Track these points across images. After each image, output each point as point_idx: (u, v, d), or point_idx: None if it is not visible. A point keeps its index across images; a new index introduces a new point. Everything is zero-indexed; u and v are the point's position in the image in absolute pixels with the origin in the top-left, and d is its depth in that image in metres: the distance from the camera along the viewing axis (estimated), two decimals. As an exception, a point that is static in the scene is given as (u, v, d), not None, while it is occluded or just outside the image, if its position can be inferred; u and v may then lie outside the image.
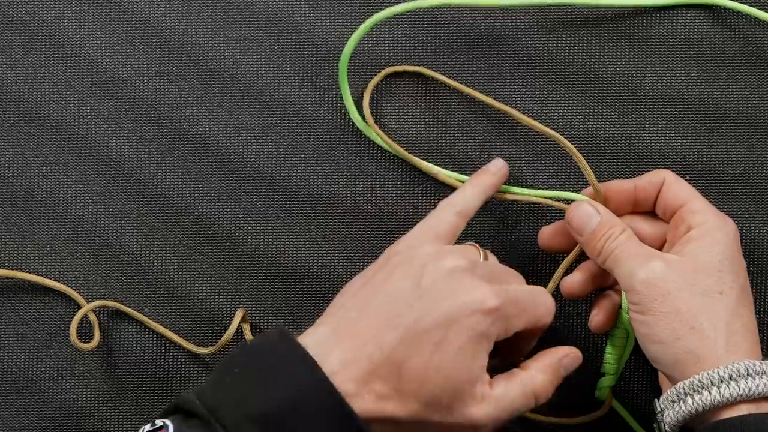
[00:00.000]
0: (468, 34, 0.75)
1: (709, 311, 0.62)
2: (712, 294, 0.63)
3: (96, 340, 0.73)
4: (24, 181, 0.76)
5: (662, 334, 0.62)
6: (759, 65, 0.75)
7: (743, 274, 0.65)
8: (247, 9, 0.76)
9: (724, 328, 0.62)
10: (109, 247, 0.75)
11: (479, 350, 0.59)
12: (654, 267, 0.64)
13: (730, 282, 0.64)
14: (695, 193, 0.68)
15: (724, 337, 0.62)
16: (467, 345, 0.59)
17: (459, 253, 0.63)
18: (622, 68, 0.75)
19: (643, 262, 0.64)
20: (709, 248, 0.64)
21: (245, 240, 0.75)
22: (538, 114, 0.75)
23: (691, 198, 0.67)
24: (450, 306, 0.59)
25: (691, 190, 0.68)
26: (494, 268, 0.64)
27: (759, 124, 0.74)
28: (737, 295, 0.63)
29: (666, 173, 0.69)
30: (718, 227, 0.66)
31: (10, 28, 0.76)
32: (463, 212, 0.67)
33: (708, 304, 0.63)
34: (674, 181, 0.69)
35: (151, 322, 0.75)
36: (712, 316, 0.62)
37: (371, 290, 0.62)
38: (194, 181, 0.76)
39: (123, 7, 0.76)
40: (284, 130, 0.76)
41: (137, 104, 0.76)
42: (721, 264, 0.64)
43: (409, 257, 0.63)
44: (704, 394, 0.60)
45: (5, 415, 0.75)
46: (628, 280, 0.64)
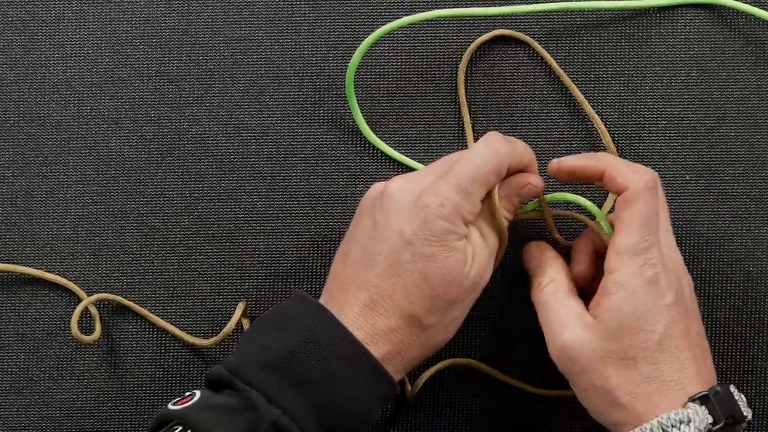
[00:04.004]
0: (467, 34, 0.75)
1: (624, 382, 0.61)
2: (627, 360, 0.62)
3: (97, 333, 0.73)
4: (24, 181, 0.76)
5: (588, 406, 0.64)
6: (759, 65, 0.75)
7: (663, 319, 0.62)
8: (247, 9, 0.76)
9: (642, 394, 0.61)
10: (109, 247, 0.75)
11: (449, 243, 0.62)
12: (568, 339, 0.63)
13: (643, 341, 0.61)
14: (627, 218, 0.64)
15: (642, 403, 0.61)
16: (437, 248, 0.61)
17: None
18: (622, 68, 0.75)
19: (557, 333, 0.63)
20: (618, 309, 0.62)
21: (245, 240, 0.75)
22: (538, 114, 0.75)
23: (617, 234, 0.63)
24: (399, 226, 0.62)
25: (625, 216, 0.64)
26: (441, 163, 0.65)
27: (759, 124, 0.74)
28: (654, 347, 0.61)
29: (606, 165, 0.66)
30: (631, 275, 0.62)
31: (10, 28, 0.76)
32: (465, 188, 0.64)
33: (622, 373, 0.62)
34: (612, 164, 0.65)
35: (152, 316, 0.74)
36: (628, 385, 0.61)
37: (348, 243, 0.65)
38: (194, 181, 0.76)
39: (123, 7, 0.76)
40: (284, 130, 0.76)
41: (137, 104, 0.76)
42: (629, 328, 0.62)
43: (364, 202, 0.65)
44: None
45: (5, 415, 0.75)
46: (549, 347, 0.64)
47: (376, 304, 0.62)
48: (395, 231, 0.62)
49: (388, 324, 0.62)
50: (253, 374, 0.60)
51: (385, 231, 0.62)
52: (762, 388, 0.74)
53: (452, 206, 0.62)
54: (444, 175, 0.63)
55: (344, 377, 0.60)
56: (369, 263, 0.62)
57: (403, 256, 0.62)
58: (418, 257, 0.61)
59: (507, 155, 0.65)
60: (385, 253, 0.62)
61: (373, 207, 0.64)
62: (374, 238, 0.63)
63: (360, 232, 0.64)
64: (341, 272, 0.64)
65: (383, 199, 0.63)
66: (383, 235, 0.62)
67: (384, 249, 0.62)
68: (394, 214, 0.62)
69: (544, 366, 0.68)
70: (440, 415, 0.74)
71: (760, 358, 0.74)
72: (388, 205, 0.63)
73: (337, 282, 0.64)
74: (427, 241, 0.61)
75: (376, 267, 0.62)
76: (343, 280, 0.63)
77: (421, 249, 0.61)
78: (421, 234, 0.62)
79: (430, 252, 0.61)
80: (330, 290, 0.64)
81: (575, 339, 0.62)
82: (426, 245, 0.61)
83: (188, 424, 0.59)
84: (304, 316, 0.62)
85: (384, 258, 0.62)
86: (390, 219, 0.62)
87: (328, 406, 0.60)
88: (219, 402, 0.60)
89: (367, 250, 0.63)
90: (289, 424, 0.59)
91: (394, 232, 0.62)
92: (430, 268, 0.61)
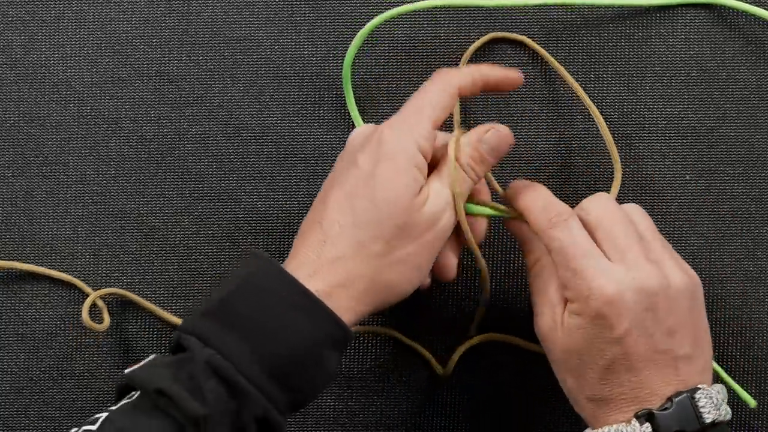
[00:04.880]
0: (467, 34, 0.75)
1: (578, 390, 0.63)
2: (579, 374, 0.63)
3: (106, 323, 0.73)
4: (24, 181, 0.76)
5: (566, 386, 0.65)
6: (759, 65, 0.75)
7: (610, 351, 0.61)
8: (247, 9, 0.76)
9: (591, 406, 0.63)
10: (109, 247, 0.75)
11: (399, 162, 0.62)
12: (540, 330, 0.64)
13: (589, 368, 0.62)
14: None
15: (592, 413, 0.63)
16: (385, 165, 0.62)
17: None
18: (622, 68, 0.75)
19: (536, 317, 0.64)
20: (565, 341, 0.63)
21: (245, 240, 0.75)
22: (538, 114, 0.75)
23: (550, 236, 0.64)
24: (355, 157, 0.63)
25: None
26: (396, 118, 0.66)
27: (759, 124, 0.74)
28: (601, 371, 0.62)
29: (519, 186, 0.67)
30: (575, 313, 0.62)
31: (10, 28, 0.76)
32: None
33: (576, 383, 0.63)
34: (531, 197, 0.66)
35: (159, 310, 0.75)
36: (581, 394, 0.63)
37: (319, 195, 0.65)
38: (194, 181, 0.76)
39: (123, 7, 0.76)
40: (284, 130, 0.76)
41: (137, 104, 0.76)
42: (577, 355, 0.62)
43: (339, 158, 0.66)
44: None
45: (5, 415, 0.75)
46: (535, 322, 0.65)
47: (326, 234, 0.62)
48: (351, 163, 0.63)
49: (335, 252, 0.61)
50: (192, 323, 0.60)
51: (343, 167, 0.64)
52: (762, 388, 0.74)
53: (402, 128, 0.63)
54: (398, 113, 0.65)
55: (283, 317, 0.59)
56: (325, 199, 0.63)
57: (356, 183, 0.62)
58: (369, 181, 0.62)
59: (453, 78, 0.65)
60: (339, 185, 0.63)
61: (338, 159, 0.66)
62: (333, 177, 0.64)
63: (324, 183, 0.65)
64: (303, 224, 0.65)
65: (349, 144, 0.66)
66: (341, 171, 0.64)
67: (340, 181, 0.63)
68: (351, 151, 0.64)
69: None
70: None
71: (761, 358, 0.74)
72: (348, 148, 0.65)
73: (299, 233, 0.64)
74: (377, 163, 0.62)
75: (330, 200, 0.63)
76: (303, 227, 0.64)
77: (372, 172, 0.62)
78: (374, 156, 0.62)
79: (379, 172, 0.62)
80: (294, 243, 0.64)
81: (546, 332, 0.64)
82: (375, 167, 0.62)
83: (136, 381, 0.58)
84: (246, 265, 0.62)
85: (337, 190, 0.63)
86: (348, 157, 0.64)
87: (269, 346, 0.59)
88: (168, 359, 0.60)
89: (326, 190, 0.64)
90: (222, 362, 0.58)
91: (350, 165, 0.63)
92: (378, 192, 0.62)
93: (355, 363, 0.75)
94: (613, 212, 0.64)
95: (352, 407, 0.75)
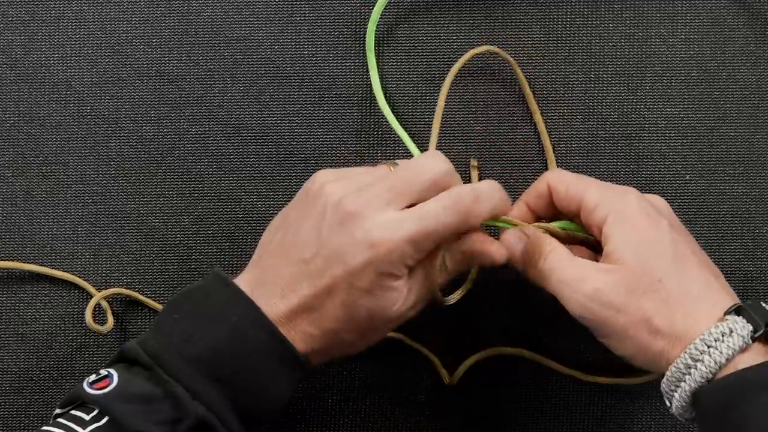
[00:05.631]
0: (467, 34, 0.75)
1: (659, 307, 0.62)
2: (654, 285, 0.62)
3: (110, 324, 0.73)
4: (24, 181, 0.76)
5: (628, 350, 0.63)
6: (759, 65, 0.75)
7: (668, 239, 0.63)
8: (247, 9, 0.76)
9: (679, 315, 0.61)
10: (109, 247, 0.75)
11: (386, 284, 0.62)
12: (589, 289, 0.63)
13: (660, 262, 0.62)
14: (582, 185, 0.66)
15: (682, 324, 0.61)
16: (372, 286, 0.61)
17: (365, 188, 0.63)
18: (622, 68, 0.75)
19: (578, 287, 0.63)
20: (627, 243, 0.63)
21: (245, 240, 0.75)
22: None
23: (582, 194, 0.66)
24: (343, 252, 0.61)
25: (576, 184, 0.66)
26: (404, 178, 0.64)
27: (759, 124, 0.74)
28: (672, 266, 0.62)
29: (548, 177, 0.68)
30: (621, 216, 0.64)
31: (10, 28, 0.76)
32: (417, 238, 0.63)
33: (655, 300, 0.62)
34: (558, 182, 0.67)
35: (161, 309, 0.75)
36: (664, 310, 0.62)
37: (287, 234, 0.64)
38: (194, 181, 0.76)
39: (123, 7, 0.76)
40: (284, 130, 0.76)
41: (137, 104, 0.76)
42: (644, 254, 0.63)
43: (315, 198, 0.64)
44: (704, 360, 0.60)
45: (5, 415, 0.75)
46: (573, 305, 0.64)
47: (303, 311, 0.62)
48: (340, 258, 0.61)
49: (309, 331, 0.62)
50: (177, 366, 0.60)
51: (330, 252, 0.62)
52: (762, 388, 0.74)
53: (400, 255, 0.61)
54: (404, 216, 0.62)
55: (268, 372, 0.61)
56: (306, 274, 0.62)
57: (340, 283, 0.61)
58: (354, 289, 0.61)
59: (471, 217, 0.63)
60: (324, 274, 0.62)
61: (323, 212, 0.62)
62: (317, 253, 0.62)
63: (303, 233, 0.63)
64: (274, 264, 0.63)
65: (336, 213, 0.62)
66: (327, 254, 0.62)
67: (324, 269, 0.62)
68: (344, 239, 0.61)
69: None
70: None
71: (760, 358, 0.74)
72: (340, 225, 0.62)
73: (270, 272, 0.63)
74: (365, 279, 0.61)
75: (311, 282, 0.62)
76: (277, 274, 0.63)
77: (360, 284, 0.61)
78: (362, 271, 0.61)
79: (367, 289, 0.61)
80: (261, 273, 0.64)
81: (601, 283, 0.62)
82: (365, 281, 0.61)
83: (110, 413, 0.59)
84: (229, 306, 0.62)
85: (322, 278, 0.62)
86: (338, 242, 0.61)
87: (248, 397, 0.61)
88: (139, 391, 0.60)
89: (306, 260, 0.62)
90: (211, 418, 0.59)
91: (338, 258, 0.61)
92: (362, 302, 0.62)
93: (358, 364, 0.75)
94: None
95: (358, 408, 0.75)
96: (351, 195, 0.62)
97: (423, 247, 0.62)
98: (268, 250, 0.64)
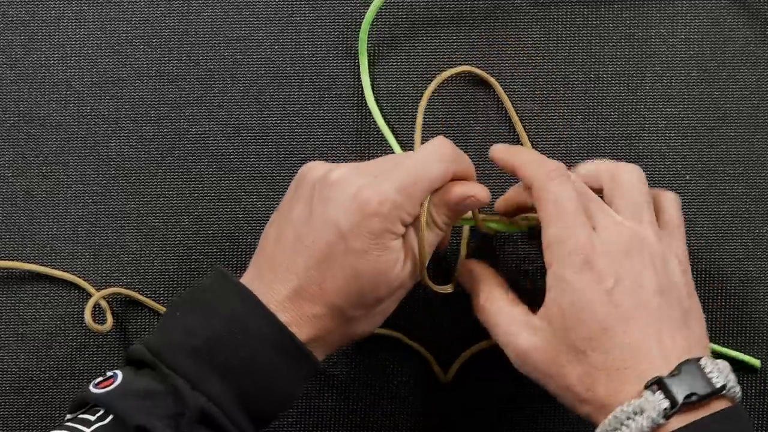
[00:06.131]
0: (468, 34, 0.75)
1: (581, 376, 0.60)
2: (578, 354, 0.60)
3: (109, 324, 0.73)
4: (24, 181, 0.76)
5: (564, 404, 0.62)
6: (759, 65, 0.75)
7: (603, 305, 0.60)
8: (247, 9, 0.76)
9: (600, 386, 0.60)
10: (109, 247, 0.75)
11: (383, 242, 0.62)
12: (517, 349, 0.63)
13: (587, 331, 0.60)
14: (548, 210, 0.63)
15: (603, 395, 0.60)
16: (370, 246, 0.61)
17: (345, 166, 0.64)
18: (622, 68, 0.75)
19: (509, 339, 0.63)
20: (558, 304, 0.61)
21: (245, 240, 0.75)
22: (538, 114, 0.75)
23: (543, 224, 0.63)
24: (336, 219, 0.61)
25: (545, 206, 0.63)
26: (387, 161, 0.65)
27: (759, 124, 0.74)
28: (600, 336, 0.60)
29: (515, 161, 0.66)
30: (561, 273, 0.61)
31: (10, 28, 0.76)
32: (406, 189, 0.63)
33: (578, 368, 0.61)
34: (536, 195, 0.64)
35: (161, 309, 0.75)
36: (586, 380, 0.60)
37: (281, 224, 0.64)
38: (194, 181, 0.76)
39: (123, 7, 0.76)
40: (284, 130, 0.76)
41: (137, 104, 0.76)
42: (571, 320, 0.61)
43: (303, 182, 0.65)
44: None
45: (5, 415, 0.75)
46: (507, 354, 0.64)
47: (304, 291, 0.62)
48: (331, 223, 0.62)
49: (314, 311, 0.62)
50: (177, 359, 0.60)
51: (322, 221, 0.62)
52: (762, 388, 0.74)
53: (391, 206, 0.62)
54: (388, 173, 0.63)
55: (269, 362, 0.61)
56: (301, 250, 0.62)
57: (336, 249, 0.61)
58: (351, 253, 0.61)
59: (454, 162, 0.64)
60: (318, 243, 0.62)
61: (311, 191, 0.63)
62: (309, 226, 0.62)
63: (295, 214, 0.63)
64: (272, 251, 0.64)
65: (323, 186, 0.63)
66: (319, 225, 0.62)
67: (318, 239, 0.62)
68: (332, 205, 0.62)
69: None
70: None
71: (761, 358, 0.74)
72: (327, 194, 0.62)
73: (267, 261, 0.63)
74: (361, 238, 0.61)
75: (307, 255, 0.62)
76: (273, 260, 0.63)
77: (355, 245, 0.61)
78: (357, 230, 0.61)
79: (363, 249, 0.61)
80: (258, 267, 0.64)
81: (527, 344, 0.62)
82: (360, 242, 0.61)
83: (112, 410, 0.59)
84: (228, 298, 0.62)
85: (317, 248, 0.62)
86: (328, 210, 0.62)
87: (253, 390, 0.61)
88: (142, 387, 0.60)
89: (301, 237, 0.63)
90: (214, 410, 0.59)
91: (330, 223, 0.62)
92: (361, 265, 0.61)
93: (357, 363, 0.75)
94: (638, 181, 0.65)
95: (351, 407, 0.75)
96: (336, 169, 0.63)
97: (413, 196, 0.62)
98: (264, 246, 0.65)
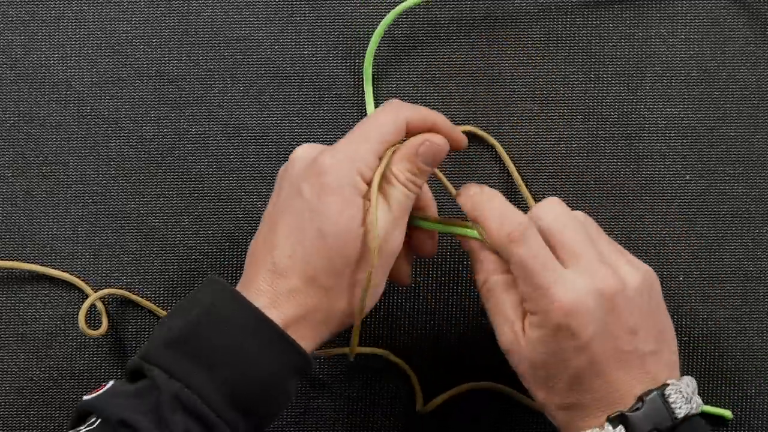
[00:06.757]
0: (468, 34, 0.75)
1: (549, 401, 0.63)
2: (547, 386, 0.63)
3: (104, 328, 0.73)
4: (24, 181, 0.76)
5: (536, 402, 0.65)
6: (759, 65, 0.75)
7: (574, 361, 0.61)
8: (247, 9, 0.76)
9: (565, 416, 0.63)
10: (109, 247, 0.75)
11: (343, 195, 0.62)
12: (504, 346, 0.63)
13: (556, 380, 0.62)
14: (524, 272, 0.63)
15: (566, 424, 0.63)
16: (330, 200, 0.61)
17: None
18: (622, 68, 0.75)
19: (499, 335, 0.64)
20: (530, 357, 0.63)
21: (245, 240, 0.75)
22: (538, 114, 0.75)
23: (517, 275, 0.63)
24: (298, 187, 0.62)
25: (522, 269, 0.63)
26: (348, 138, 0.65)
27: (759, 124, 0.74)
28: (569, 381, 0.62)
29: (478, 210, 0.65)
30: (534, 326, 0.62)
31: (10, 28, 0.76)
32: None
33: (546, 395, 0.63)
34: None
35: (159, 310, 0.75)
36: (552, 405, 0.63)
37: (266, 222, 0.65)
38: (194, 181, 0.76)
39: (123, 7, 0.76)
40: (284, 130, 0.76)
41: (137, 104, 0.76)
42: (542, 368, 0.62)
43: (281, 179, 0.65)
44: None
45: (5, 415, 0.75)
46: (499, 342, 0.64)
47: (276, 267, 0.62)
48: (295, 194, 0.62)
49: (289, 285, 0.62)
50: (156, 353, 0.60)
51: (288, 196, 0.63)
52: (762, 388, 0.74)
53: (345, 157, 0.62)
54: (342, 140, 0.64)
55: (247, 348, 0.60)
56: (274, 227, 0.63)
57: (302, 216, 0.62)
58: (316, 215, 0.61)
59: (405, 111, 0.65)
60: (287, 218, 0.62)
61: (279, 180, 0.65)
62: (278, 207, 0.63)
63: (269, 207, 0.65)
64: (252, 248, 0.64)
65: (288, 168, 0.64)
66: (286, 201, 0.63)
67: (286, 214, 0.63)
68: (295, 179, 0.63)
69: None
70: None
71: (760, 358, 0.74)
72: (291, 171, 0.64)
73: (250, 257, 0.64)
74: (321, 195, 0.62)
75: (280, 233, 0.62)
76: (254, 252, 0.64)
77: (317, 205, 0.61)
78: (317, 188, 0.62)
79: (325, 206, 0.61)
80: (245, 267, 0.64)
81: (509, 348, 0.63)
82: (322, 202, 0.61)
83: (98, 410, 0.59)
84: (207, 293, 0.62)
85: (285, 222, 0.62)
86: (293, 185, 0.63)
87: (235, 378, 0.60)
88: (132, 388, 0.60)
89: (273, 218, 0.63)
90: (189, 396, 0.59)
91: (294, 195, 0.62)
92: (325, 225, 0.61)
93: (357, 362, 0.75)
94: (565, 217, 0.64)
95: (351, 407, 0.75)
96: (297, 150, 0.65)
97: (366, 148, 0.63)
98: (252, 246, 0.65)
